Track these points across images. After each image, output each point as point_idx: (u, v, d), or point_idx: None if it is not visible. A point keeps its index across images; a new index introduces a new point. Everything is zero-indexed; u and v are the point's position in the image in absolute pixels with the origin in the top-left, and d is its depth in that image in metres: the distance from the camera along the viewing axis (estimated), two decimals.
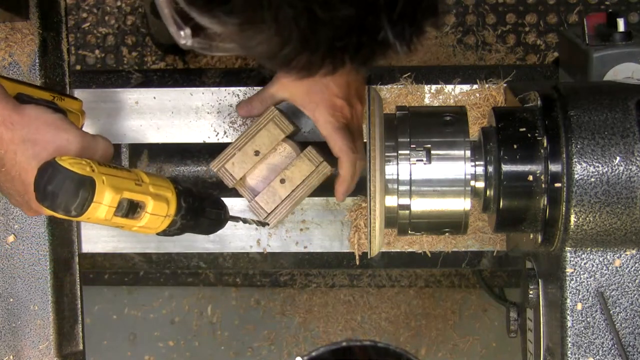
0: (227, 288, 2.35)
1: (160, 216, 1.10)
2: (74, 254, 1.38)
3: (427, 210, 1.14)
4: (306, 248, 1.51)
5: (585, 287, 1.11)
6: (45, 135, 1.07)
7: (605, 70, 1.25)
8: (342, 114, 1.31)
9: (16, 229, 1.32)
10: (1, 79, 1.14)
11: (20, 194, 1.10)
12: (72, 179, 1.02)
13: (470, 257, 1.52)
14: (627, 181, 1.06)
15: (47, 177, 1.02)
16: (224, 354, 2.35)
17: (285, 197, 1.32)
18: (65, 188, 1.02)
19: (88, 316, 2.16)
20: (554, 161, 1.08)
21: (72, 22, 2.30)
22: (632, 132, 1.07)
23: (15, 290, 1.32)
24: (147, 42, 2.32)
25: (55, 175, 1.02)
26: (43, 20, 1.32)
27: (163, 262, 1.56)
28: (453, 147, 1.13)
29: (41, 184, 1.02)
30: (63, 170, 1.02)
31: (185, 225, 1.14)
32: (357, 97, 1.35)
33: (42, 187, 1.02)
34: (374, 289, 2.34)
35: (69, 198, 1.02)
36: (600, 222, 1.07)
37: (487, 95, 1.47)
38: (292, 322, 2.35)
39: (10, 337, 1.31)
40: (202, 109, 1.51)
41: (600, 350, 1.11)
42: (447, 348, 2.33)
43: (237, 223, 1.27)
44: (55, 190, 1.01)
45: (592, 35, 1.27)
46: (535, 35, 2.27)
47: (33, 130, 1.07)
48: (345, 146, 1.29)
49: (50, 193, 1.01)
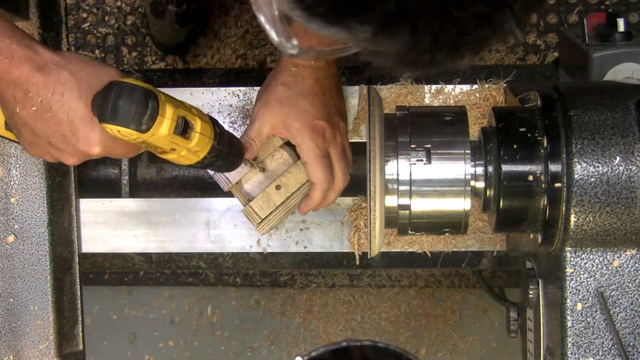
0: (227, 288, 2.35)
1: (207, 137, 1.13)
2: (74, 254, 1.38)
3: (427, 210, 1.14)
4: (306, 248, 1.51)
5: (585, 287, 1.11)
6: (89, 73, 1.08)
7: (605, 70, 1.25)
8: (323, 137, 1.31)
9: (16, 229, 1.32)
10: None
11: (65, 138, 1.10)
12: (141, 91, 1.04)
13: (470, 257, 1.52)
14: (627, 181, 1.06)
15: (114, 94, 1.04)
16: (224, 354, 2.35)
17: (279, 204, 1.32)
18: (137, 100, 1.04)
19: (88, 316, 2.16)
20: (554, 161, 1.08)
21: (72, 22, 2.30)
22: (632, 132, 1.07)
23: (15, 290, 1.32)
24: (147, 42, 2.32)
25: (123, 90, 1.04)
26: (43, 20, 1.32)
27: (163, 262, 1.56)
28: (453, 147, 1.13)
29: (108, 102, 1.04)
30: (129, 85, 1.04)
31: (219, 152, 1.16)
32: (339, 115, 1.36)
33: (110, 104, 1.04)
34: (374, 289, 2.34)
35: (141, 109, 1.04)
36: (600, 222, 1.07)
37: (487, 95, 1.47)
38: (292, 322, 2.35)
39: (10, 337, 1.31)
40: (202, 109, 1.51)
41: (600, 350, 1.11)
42: (447, 348, 2.33)
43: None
44: (126, 104, 1.03)
45: (592, 35, 1.27)
46: (535, 35, 2.27)
47: (76, 69, 1.08)
48: (322, 177, 1.31)
49: (121, 108, 1.03)
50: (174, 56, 2.31)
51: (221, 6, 2.30)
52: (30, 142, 1.13)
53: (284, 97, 1.31)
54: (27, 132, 1.12)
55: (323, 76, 1.33)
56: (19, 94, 1.07)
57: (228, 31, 2.30)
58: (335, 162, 1.32)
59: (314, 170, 1.31)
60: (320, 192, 1.32)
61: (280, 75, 1.32)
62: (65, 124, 1.08)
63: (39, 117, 1.08)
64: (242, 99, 1.51)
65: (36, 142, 1.13)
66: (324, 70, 1.33)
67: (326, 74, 1.34)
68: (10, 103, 1.09)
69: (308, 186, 1.33)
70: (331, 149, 1.32)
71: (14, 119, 1.11)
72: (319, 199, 1.32)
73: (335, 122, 1.34)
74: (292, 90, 1.31)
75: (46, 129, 1.09)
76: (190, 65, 2.30)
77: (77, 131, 1.08)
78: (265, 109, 1.32)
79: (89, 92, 1.07)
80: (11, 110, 1.10)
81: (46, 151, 1.13)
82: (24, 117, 1.09)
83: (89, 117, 1.07)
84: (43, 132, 1.10)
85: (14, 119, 1.11)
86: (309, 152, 1.30)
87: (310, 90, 1.31)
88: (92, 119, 1.07)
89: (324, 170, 1.31)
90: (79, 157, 1.13)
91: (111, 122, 1.04)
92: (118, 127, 1.04)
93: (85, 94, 1.07)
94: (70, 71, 1.07)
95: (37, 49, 1.08)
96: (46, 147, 1.12)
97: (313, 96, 1.31)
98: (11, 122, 1.13)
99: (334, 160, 1.32)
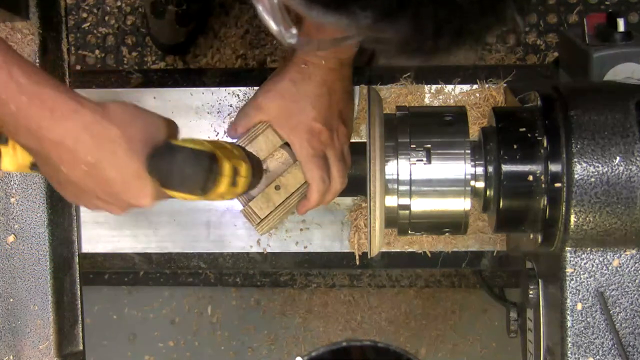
0: (227, 288, 2.35)
1: (248, 178, 1.11)
2: (74, 254, 1.38)
3: (427, 210, 1.14)
4: (306, 248, 1.51)
5: (585, 287, 1.11)
6: (138, 127, 1.03)
7: (605, 70, 1.25)
8: (319, 140, 1.30)
9: (16, 229, 1.32)
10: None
11: (115, 194, 1.05)
12: (206, 156, 1.01)
13: (470, 257, 1.52)
14: (627, 181, 1.06)
15: (180, 161, 1.01)
16: (224, 354, 2.35)
17: (279, 204, 1.32)
18: (203, 167, 1.01)
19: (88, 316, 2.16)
20: (554, 161, 1.08)
21: (72, 22, 2.30)
22: (632, 132, 1.07)
23: (15, 290, 1.32)
24: (147, 42, 2.32)
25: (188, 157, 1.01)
26: (43, 20, 1.32)
27: (163, 262, 1.56)
28: (453, 147, 1.13)
29: (173, 168, 1.01)
30: (187, 151, 1.01)
31: (252, 184, 1.14)
32: (340, 120, 1.34)
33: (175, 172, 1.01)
34: (374, 289, 2.34)
35: (207, 176, 1.01)
36: (600, 222, 1.07)
37: (487, 95, 1.47)
38: (292, 322, 2.35)
39: (10, 337, 1.31)
40: (202, 109, 1.51)
41: (600, 350, 1.11)
42: (447, 348, 2.33)
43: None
44: (194, 173, 1.00)
45: (592, 35, 1.27)
46: (535, 35, 2.27)
47: (124, 123, 1.02)
48: (317, 177, 1.30)
49: (188, 176, 1.00)
50: (174, 56, 2.31)
51: (221, 6, 2.30)
52: (74, 195, 1.08)
53: (287, 92, 1.30)
54: (72, 188, 1.06)
55: (332, 79, 1.32)
56: (65, 155, 1.01)
57: (228, 31, 2.30)
58: (332, 164, 1.32)
59: (308, 170, 1.30)
60: (317, 193, 1.31)
61: (290, 70, 1.31)
62: (117, 182, 1.03)
63: (88, 176, 1.02)
64: (242, 99, 1.51)
65: (81, 196, 1.08)
66: (334, 73, 1.32)
67: (336, 77, 1.33)
68: (55, 162, 1.02)
69: (307, 186, 1.33)
70: (328, 151, 1.32)
71: (58, 176, 1.05)
72: (316, 199, 1.32)
73: (335, 126, 1.33)
74: (296, 87, 1.30)
75: (95, 186, 1.04)
76: (190, 65, 2.30)
77: (129, 187, 1.04)
78: (265, 97, 1.31)
79: (139, 147, 1.02)
80: (54, 169, 1.04)
81: (91, 203, 1.09)
82: (70, 177, 1.03)
83: (141, 173, 1.03)
84: (91, 189, 1.05)
85: (57, 176, 1.05)
86: (302, 152, 1.30)
87: (315, 90, 1.30)
88: (144, 174, 1.03)
89: (319, 170, 1.30)
90: (127, 208, 1.09)
91: (177, 190, 1.01)
92: (180, 193, 1.02)
93: (136, 150, 1.02)
94: (119, 127, 1.02)
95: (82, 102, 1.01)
96: (92, 200, 1.08)
97: (316, 97, 1.31)
98: (52, 176, 1.07)
99: (331, 163, 1.32)
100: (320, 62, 1.30)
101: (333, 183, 1.32)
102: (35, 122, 0.98)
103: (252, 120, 1.32)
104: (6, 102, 0.97)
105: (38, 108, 0.98)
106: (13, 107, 0.97)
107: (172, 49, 2.29)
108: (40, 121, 0.98)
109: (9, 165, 1.10)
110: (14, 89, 0.97)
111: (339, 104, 1.34)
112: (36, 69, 1.01)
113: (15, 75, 0.97)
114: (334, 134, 1.32)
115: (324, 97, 1.31)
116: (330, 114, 1.32)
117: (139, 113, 1.05)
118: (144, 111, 1.07)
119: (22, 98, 0.97)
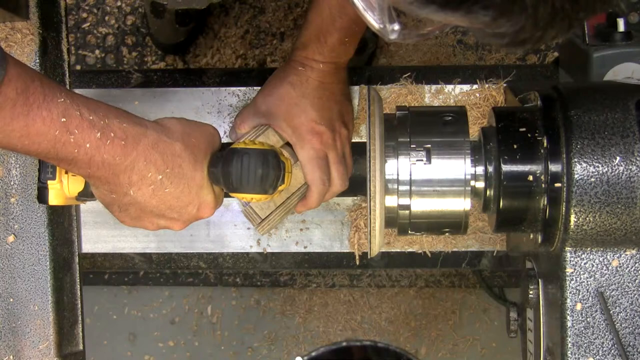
0: (227, 288, 2.35)
1: (291, 173, 1.14)
2: (74, 254, 1.38)
3: (427, 210, 1.14)
4: (306, 248, 1.51)
5: (585, 287, 1.11)
6: (196, 137, 1.08)
7: (605, 70, 1.25)
8: (321, 141, 1.30)
9: (16, 229, 1.32)
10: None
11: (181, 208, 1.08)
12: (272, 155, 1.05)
13: (470, 257, 1.53)
14: (627, 181, 1.06)
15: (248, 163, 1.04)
16: (224, 354, 2.35)
17: (279, 204, 1.32)
18: (272, 165, 1.05)
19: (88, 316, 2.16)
20: (554, 161, 1.08)
21: (72, 22, 2.30)
22: (632, 132, 1.07)
23: (15, 290, 1.32)
24: (147, 42, 2.32)
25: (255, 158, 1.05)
26: (43, 20, 1.32)
27: (163, 262, 1.56)
28: (453, 147, 1.13)
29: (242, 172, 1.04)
30: (256, 152, 1.05)
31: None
32: (342, 122, 1.35)
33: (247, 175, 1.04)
34: (374, 289, 2.34)
35: (277, 174, 1.05)
36: (600, 222, 1.07)
37: (487, 95, 1.47)
38: (292, 322, 2.35)
39: (10, 337, 1.31)
40: (202, 109, 1.51)
41: (600, 350, 1.11)
42: (447, 348, 2.33)
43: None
44: (263, 172, 1.04)
45: (592, 35, 1.27)
46: None
47: (184, 136, 1.07)
48: (318, 178, 1.31)
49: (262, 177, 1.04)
50: (174, 56, 2.31)
51: (221, 6, 2.30)
52: (136, 217, 1.11)
53: (287, 95, 1.31)
54: (135, 210, 1.09)
55: (329, 81, 1.33)
56: (135, 177, 1.04)
57: (228, 31, 2.29)
58: (332, 166, 1.32)
59: (308, 171, 1.31)
60: (317, 194, 1.32)
61: (288, 73, 1.32)
62: (184, 195, 1.07)
63: (155, 195, 1.06)
64: (242, 99, 1.51)
65: (142, 217, 1.10)
66: (331, 76, 1.33)
67: (333, 80, 1.33)
68: (123, 187, 1.05)
69: (307, 187, 1.33)
70: (329, 153, 1.32)
71: (121, 201, 1.07)
72: (315, 200, 1.32)
73: (337, 127, 1.33)
74: (296, 90, 1.31)
75: (160, 204, 1.07)
76: (190, 65, 2.30)
77: (195, 199, 1.07)
78: (265, 102, 1.32)
79: (201, 157, 1.07)
80: (121, 193, 1.06)
81: (153, 223, 1.11)
82: (137, 198, 1.06)
83: (205, 183, 1.07)
84: (156, 207, 1.08)
85: (120, 201, 1.08)
86: (303, 153, 1.30)
87: (314, 92, 1.31)
88: (207, 183, 1.07)
89: (319, 172, 1.31)
90: (189, 222, 1.12)
91: (250, 192, 1.04)
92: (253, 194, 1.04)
93: (199, 160, 1.07)
94: (181, 141, 1.06)
95: (145, 124, 1.05)
96: (153, 219, 1.10)
97: (316, 99, 1.31)
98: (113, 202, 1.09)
99: (332, 164, 1.32)
100: (317, 65, 1.30)
101: (333, 185, 1.33)
102: (110, 154, 1.01)
103: (252, 124, 1.33)
104: (82, 143, 1.00)
105: (111, 140, 1.01)
106: (88, 145, 1.00)
107: (172, 48, 2.29)
108: (115, 151, 1.01)
109: (54, 200, 1.15)
110: (86, 128, 1.00)
111: (339, 106, 1.35)
112: (98, 104, 1.04)
113: (85, 115, 1.00)
114: (336, 136, 1.33)
115: (322, 98, 1.31)
116: (331, 115, 1.32)
117: (192, 124, 1.10)
118: (194, 122, 1.11)
119: (96, 134, 1.00)
